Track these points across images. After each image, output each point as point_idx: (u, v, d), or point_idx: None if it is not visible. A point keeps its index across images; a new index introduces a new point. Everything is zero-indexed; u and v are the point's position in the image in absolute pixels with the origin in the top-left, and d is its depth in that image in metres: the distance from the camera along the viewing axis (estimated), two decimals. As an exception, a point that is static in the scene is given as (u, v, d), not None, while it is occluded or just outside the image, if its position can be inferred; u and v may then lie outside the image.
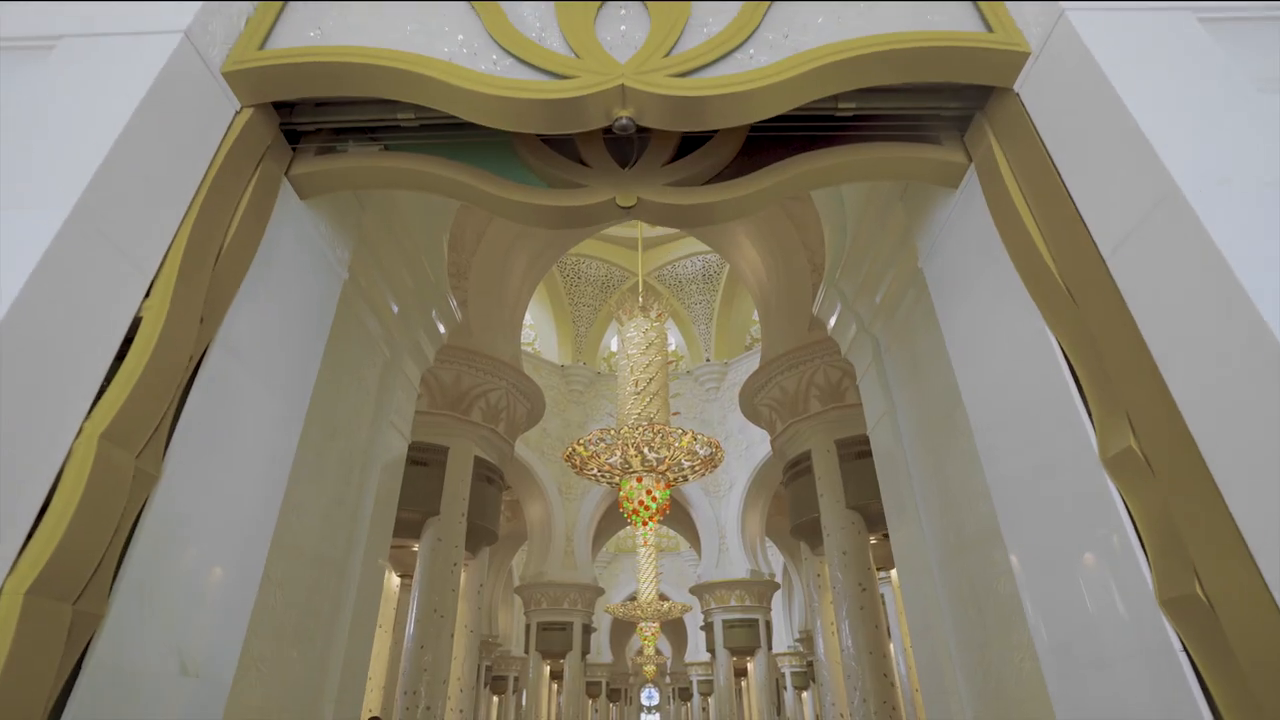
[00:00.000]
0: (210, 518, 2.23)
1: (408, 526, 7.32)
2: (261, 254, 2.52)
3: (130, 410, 1.82)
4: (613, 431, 11.22)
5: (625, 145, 2.82)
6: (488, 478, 7.91)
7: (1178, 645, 1.71)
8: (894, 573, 7.84)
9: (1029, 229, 2.31)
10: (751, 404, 8.60)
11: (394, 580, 7.86)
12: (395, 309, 4.12)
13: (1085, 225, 2.09)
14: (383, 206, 3.76)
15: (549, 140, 2.83)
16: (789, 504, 8.11)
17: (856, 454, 7.39)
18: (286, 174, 2.72)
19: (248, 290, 2.42)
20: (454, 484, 7.46)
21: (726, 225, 9.73)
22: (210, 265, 2.21)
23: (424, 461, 7.45)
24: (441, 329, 4.74)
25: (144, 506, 1.94)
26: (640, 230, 14.90)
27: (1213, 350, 1.63)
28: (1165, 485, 1.77)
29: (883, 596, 7.78)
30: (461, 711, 7.19)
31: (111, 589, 1.81)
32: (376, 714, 5.92)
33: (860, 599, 6.83)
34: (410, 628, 6.82)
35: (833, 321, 4.65)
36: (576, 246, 17.80)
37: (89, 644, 1.74)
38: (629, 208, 2.72)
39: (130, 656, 1.87)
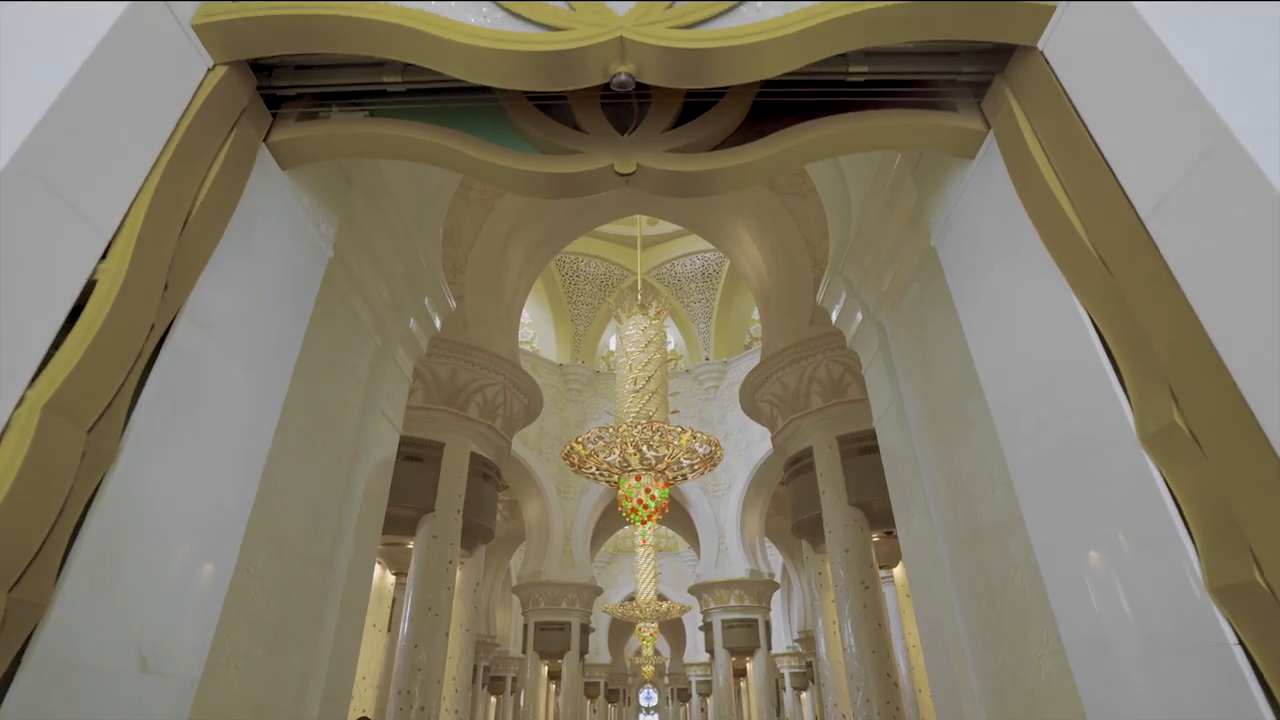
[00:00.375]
0: (177, 502, 2.05)
1: (402, 523, 7.15)
2: (237, 223, 2.35)
3: (80, 379, 1.65)
4: (611, 430, 11.06)
5: (624, 111, 2.66)
6: (484, 474, 7.74)
7: (1231, 638, 1.55)
8: (897, 570, 7.69)
9: (1055, 195, 2.15)
10: (752, 400, 8.44)
11: (389, 578, 7.68)
12: (386, 295, 3.96)
13: (1120, 186, 1.92)
14: (371, 186, 3.59)
15: (544, 106, 2.67)
16: (790, 501, 7.94)
17: (859, 450, 7.23)
18: (266, 140, 2.55)
19: (221, 261, 2.25)
20: (450, 480, 7.28)
21: (727, 222, 9.58)
22: (177, 230, 2.04)
23: (419, 457, 7.28)
24: (435, 319, 4.58)
25: (99, 487, 1.77)
26: (640, 228, 14.74)
27: (1276, 311, 1.47)
28: (1216, 463, 1.61)
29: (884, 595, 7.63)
30: (457, 712, 7.01)
31: (59, 576, 1.64)
32: (368, 714, 5.75)
33: (863, 597, 6.67)
34: (404, 626, 6.64)
35: (837, 311, 4.49)
36: (575, 245, 17.65)
37: (30, 636, 1.57)
38: (628, 175, 2.56)
39: (81, 650, 1.70)
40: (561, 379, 17.71)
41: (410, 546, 7.15)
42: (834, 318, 4.53)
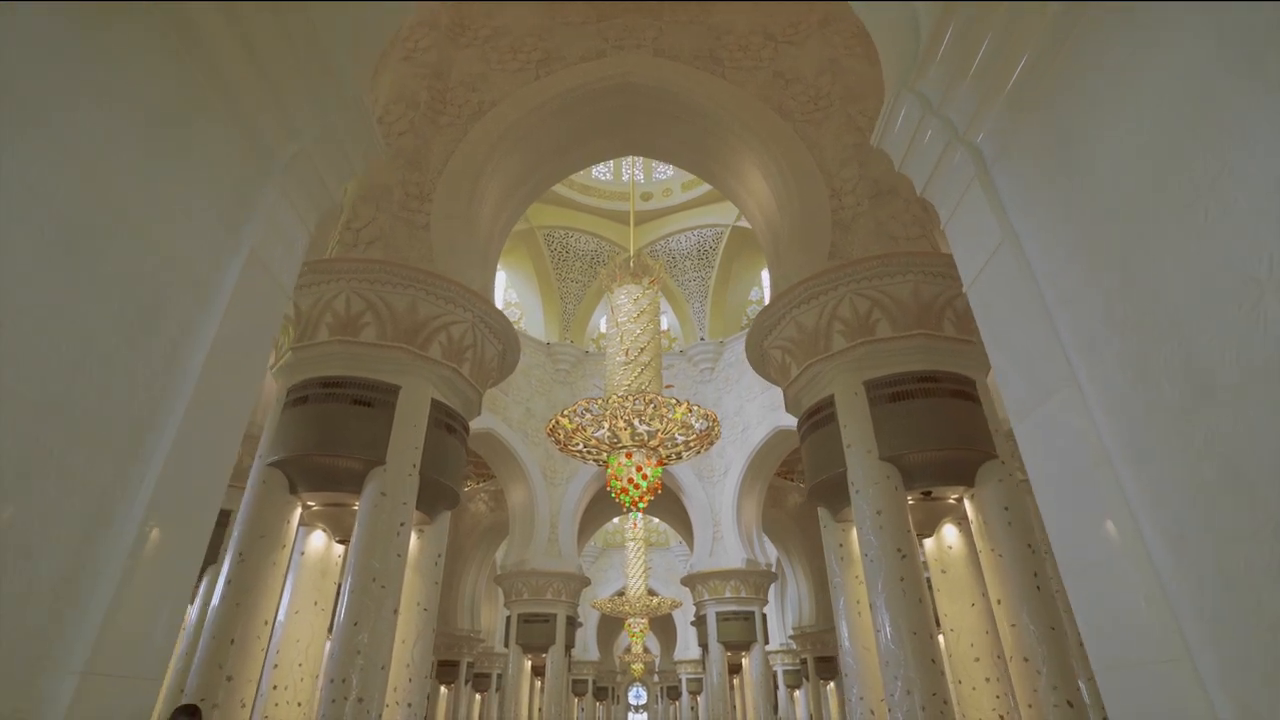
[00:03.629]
0: None
1: (347, 478, 5.78)
2: None
3: None
4: (600, 402, 9.74)
5: None
6: (448, 425, 6.37)
7: None
8: (930, 543, 6.36)
9: None
10: (760, 348, 7.12)
11: (335, 549, 6.30)
12: (273, 94, 2.63)
13: None
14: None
15: None
16: (806, 460, 6.61)
17: (890, 396, 5.92)
18: None
19: None
20: (405, 429, 5.91)
21: (732, 159, 8.30)
22: None
23: (368, 401, 5.92)
24: (352, 159, 3.23)
25: None
26: (633, 203, 13.43)
27: None
28: None
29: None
30: (410, 705, 5.61)
31: None
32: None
33: (900, 568, 5.34)
34: (342, 600, 5.26)
35: (902, 150, 3.18)
36: (564, 219, 16.33)
37: None
38: None
39: None
40: (549, 359, 16.35)
41: (356, 508, 5.77)
42: (899, 162, 3.23)
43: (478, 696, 22.26)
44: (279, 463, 5.72)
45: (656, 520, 26.78)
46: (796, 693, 21.67)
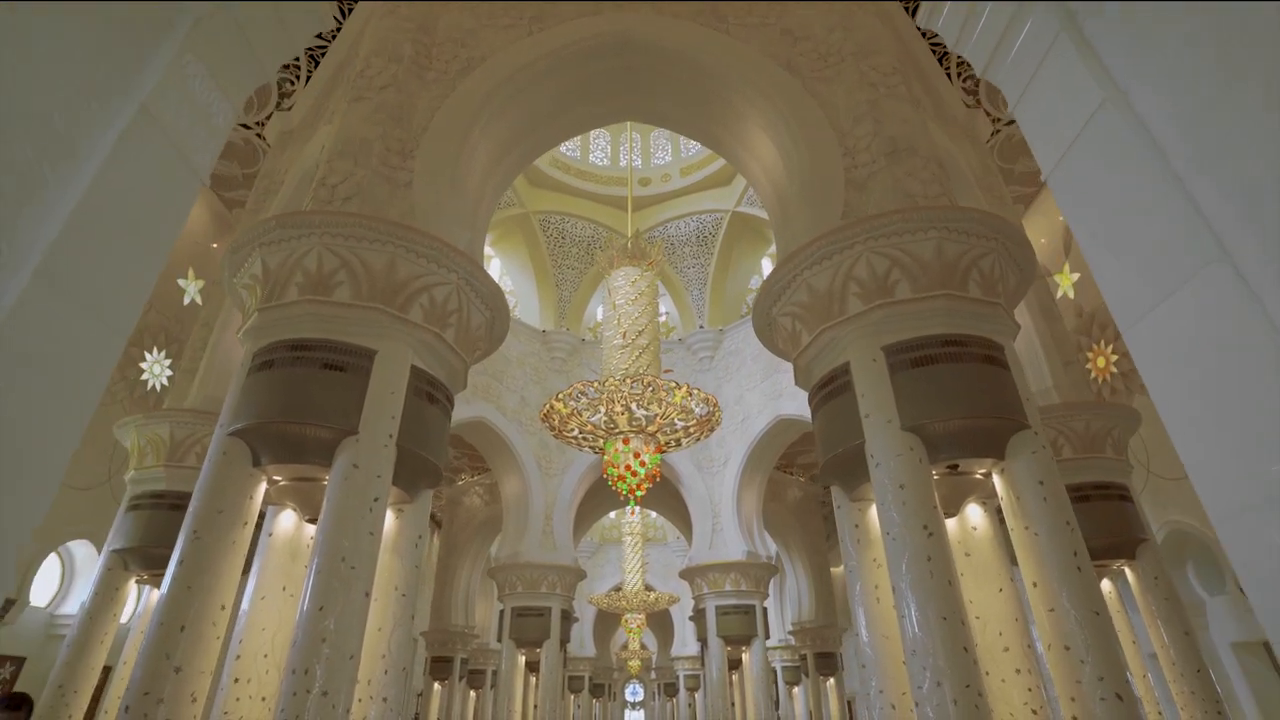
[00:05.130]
0: None
1: (317, 449, 5.16)
2: None
3: None
4: (596, 385, 9.15)
5: None
6: (429, 395, 5.76)
7: None
8: (952, 524, 5.77)
9: None
10: (767, 316, 6.52)
11: (306, 529, 5.69)
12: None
13: None
14: None
15: None
16: (819, 434, 6.01)
17: (912, 361, 5.33)
18: None
19: None
20: (380, 396, 5.30)
21: (736, 123, 7.72)
22: None
23: (340, 365, 5.30)
24: (294, 31, 2.63)
25: None
26: (630, 187, 12.85)
27: None
28: None
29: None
30: (387, 700, 5.00)
31: None
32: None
33: (926, 546, 4.75)
34: (308, 584, 4.65)
35: (962, 19, 2.60)
36: (560, 204, 15.74)
37: None
38: None
39: None
40: (544, 347, 15.75)
41: (326, 483, 5.16)
42: (954, 39, 2.64)
43: (472, 694, 21.61)
44: (240, 431, 5.11)
45: (654, 515, 26.16)
46: (795, 690, 21.07)
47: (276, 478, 5.42)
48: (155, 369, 11.71)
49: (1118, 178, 1.93)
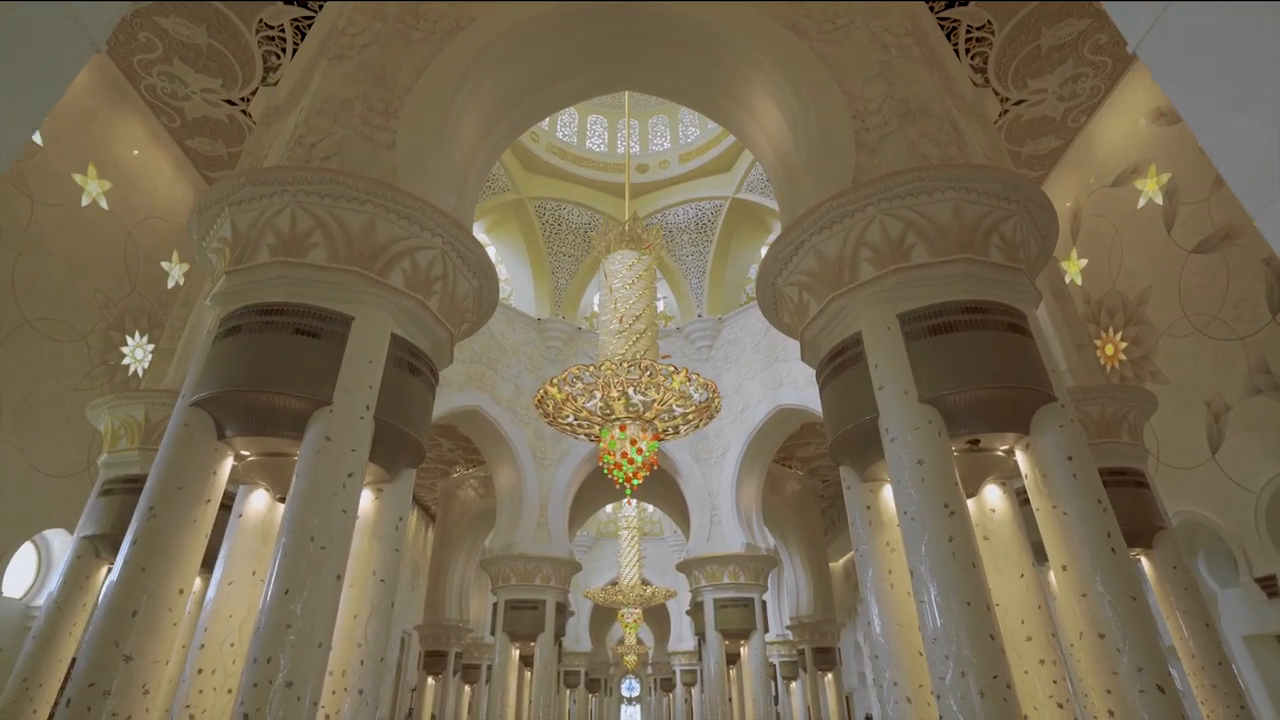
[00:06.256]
0: None
1: (288, 420, 4.71)
2: None
3: None
4: (592, 369, 8.71)
5: None
6: (411, 366, 5.31)
7: None
8: (972, 504, 5.34)
9: None
10: (772, 287, 6.09)
11: (279, 509, 5.24)
12: None
13: None
14: None
15: None
16: (828, 410, 5.58)
17: (930, 329, 4.91)
18: None
19: None
20: (357, 364, 4.86)
21: (739, 89, 7.29)
22: None
23: (314, 331, 4.85)
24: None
25: None
26: (628, 174, 12.41)
27: None
28: None
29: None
30: (362, 692, 4.56)
31: None
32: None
33: (948, 526, 4.33)
34: (274, 565, 4.21)
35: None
36: (556, 190, 15.28)
37: None
38: None
39: None
40: (539, 335, 15.30)
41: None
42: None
43: (467, 688, 21.16)
44: (203, 401, 4.66)
45: (651, 508, 25.73)
46: (793, 685, 20.65)
47: (244, 453, 4.97)
48: (137, 354, 11.25)
49: (1240, 37, 1.50)
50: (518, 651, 14.16)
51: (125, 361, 10.92)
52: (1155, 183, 10.27)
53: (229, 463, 4.89)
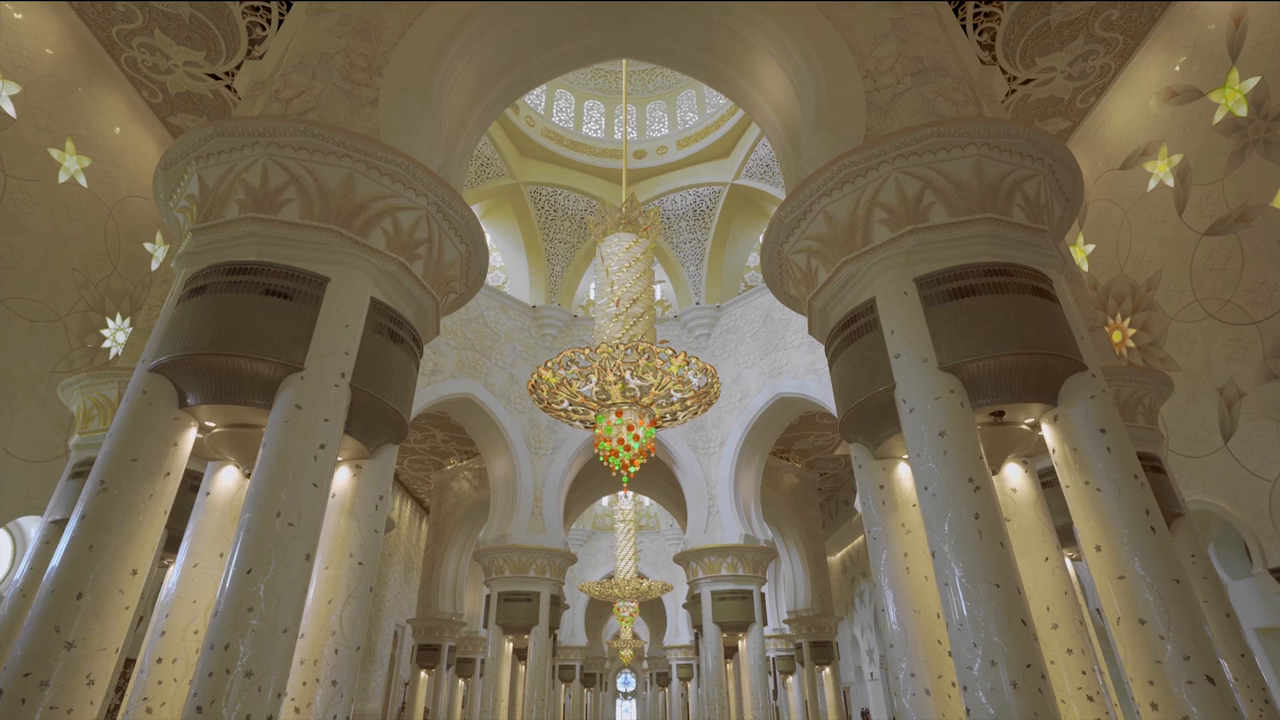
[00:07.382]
0: None
1: (257, 386, 4.28)
2: None
3: None
4: (587, 352, 8.30)
5: None
6: (392, 333, 4.89)
7: None
8: (1004, 475, 4.95)
9: None
10: (778, 257, 5.69)
11: (247, 486, 4.79)
12: None
13: None
14: None
15: None
16: (839, 382, 5.17)
17: (950, 293, 4.51)
18: None
19: None
20: (331, 328, 4.43)
21: (742, 55, 6.88)
22: None
23: (285, 293, 4.42)
24: None
25: None
26: (625, 160, 11.99)
27: None
28: None
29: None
30: (335, 683, 4.14)
31: None
32: None
33: (973, 502, 3.93)
34: (237, 544, 3.78)
35: None
36: (551, 175, 14.85)
37: None
38: None
39: None
40: (534, 322, 14.88)
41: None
42: None
43: (461, 682, 20.73)
44: (163, 366, 4.23)
45: (647, 501, 25.33)
46: (790, 679, 20.29)
47: (209, 423, 4.54)
48: (119, 336, 10.78)
49: None
50: (511, 645, 13.74)
51: (106, 344, 10.46)
52: (1166, 164, 9.90)
53: (192, 433, 4.45)
